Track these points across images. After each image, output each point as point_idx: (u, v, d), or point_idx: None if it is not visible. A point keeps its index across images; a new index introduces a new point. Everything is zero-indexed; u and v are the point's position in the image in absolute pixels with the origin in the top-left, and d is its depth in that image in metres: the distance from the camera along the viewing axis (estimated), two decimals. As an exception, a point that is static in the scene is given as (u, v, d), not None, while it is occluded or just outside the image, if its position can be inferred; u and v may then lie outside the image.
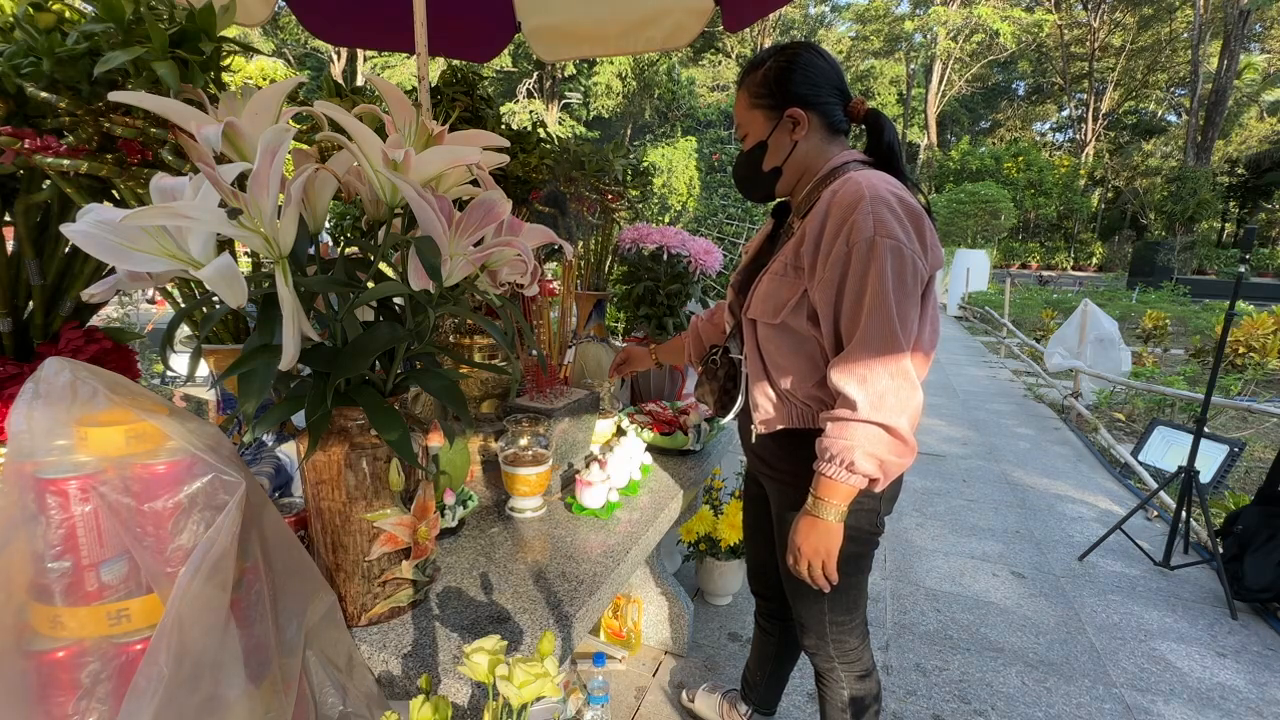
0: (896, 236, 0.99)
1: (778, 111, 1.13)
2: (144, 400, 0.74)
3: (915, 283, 1.01)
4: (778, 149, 1.15)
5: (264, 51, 17.77)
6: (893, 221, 0.99)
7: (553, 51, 2.74)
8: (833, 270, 1.03)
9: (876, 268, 0.98)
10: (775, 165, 1.17)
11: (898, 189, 1.04)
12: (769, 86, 1.13)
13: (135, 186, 0.88)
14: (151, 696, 0.65)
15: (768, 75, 1.13)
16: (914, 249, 1.00)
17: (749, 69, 1.17)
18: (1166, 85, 27.55)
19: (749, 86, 1.16)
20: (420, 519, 0.98)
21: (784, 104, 1.12)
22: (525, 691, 0.65)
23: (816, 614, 1.26)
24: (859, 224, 0.99)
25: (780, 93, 1.12)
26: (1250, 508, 2.67)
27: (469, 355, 1.64)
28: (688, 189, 15.83)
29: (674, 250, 2.18)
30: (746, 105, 1.17)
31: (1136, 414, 5.15)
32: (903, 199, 1.02)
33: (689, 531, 2.23)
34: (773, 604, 1.52)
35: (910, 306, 1.01)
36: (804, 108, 1.12)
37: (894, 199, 1.01)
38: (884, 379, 1.00)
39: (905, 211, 1.01)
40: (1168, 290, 14.01)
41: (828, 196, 1.06)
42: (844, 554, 1.16)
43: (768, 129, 1.15)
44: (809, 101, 1.12)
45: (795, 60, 1.12)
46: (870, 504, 1.16)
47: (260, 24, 2.36)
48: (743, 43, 28.06)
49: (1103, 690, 2.01)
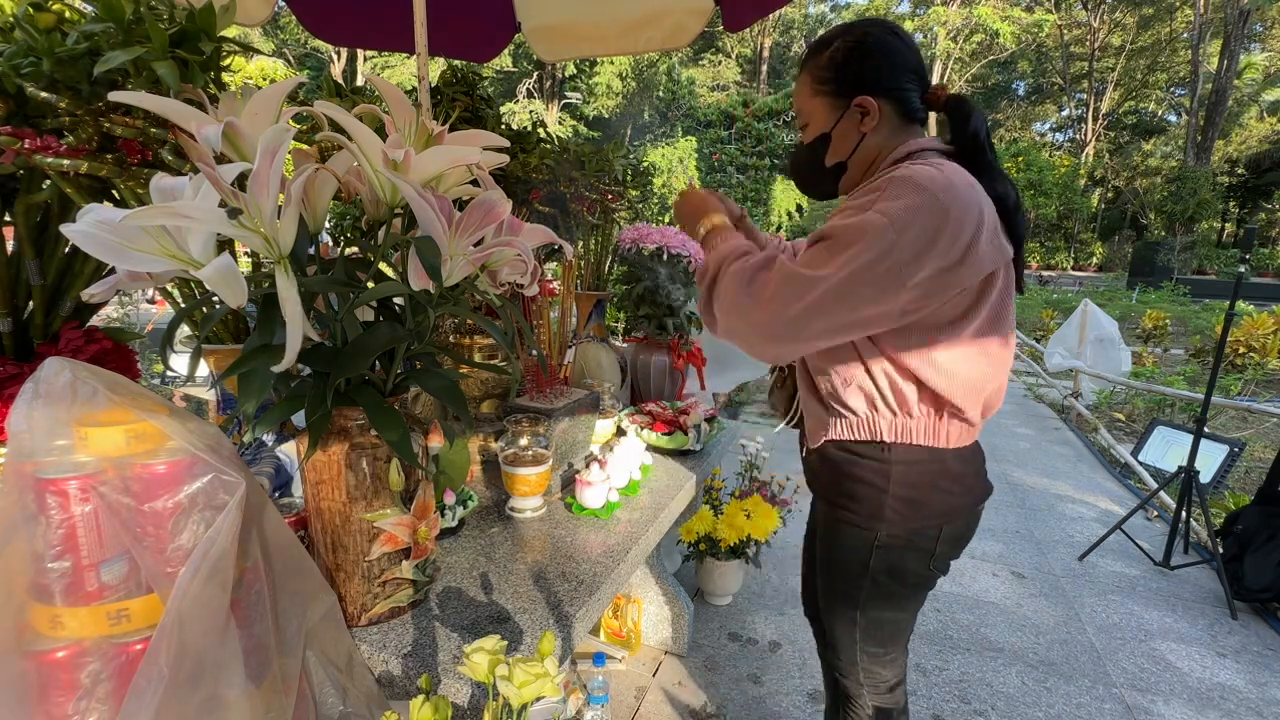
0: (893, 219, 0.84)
1: (845, 99, 1.00)
2: (144, 400, 0.74)
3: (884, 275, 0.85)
4: (843, 142, 1.02)
5: (264, 51, 17.77)
6: (906, 208, 0.84)
7: (553, 51, 2.74)
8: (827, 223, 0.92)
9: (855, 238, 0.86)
10: (840, 160, 1.04)
11: (956, 189, 0.87)
12: (835, 70, 1.00)
13: (135, 186, 0.88)
14: (151, 696, 0.65)
15: (834, 58, 0.99)
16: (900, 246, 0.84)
17: (814, 50, 1.03)
18: (1166, 85, 27.56)
19: (813, 70, 1.02)
20: (420, 519, 0.98)
21: (852, 91, 0.99)
22: (525, 691, 0.65)
23: (848, 639, 1.17)
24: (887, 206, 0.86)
25: (849, 78, 0.99)
26: (1250, 508, 2.67)
27: (469, 355, 1.64)
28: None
29: (674, 250, 2.18)
30: (809, 92, 1.03)
31: (1136, 414, 5.15)
32: (954, 196, 0.85)
33: (689, 531, 2.23)
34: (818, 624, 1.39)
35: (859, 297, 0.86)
36: (875, 95, 0.98)
37: (938, 190, 0.85)
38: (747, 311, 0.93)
39: (938, 209, 0.84)
40: (1168, 290, 14.01)
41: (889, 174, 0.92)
42: (883, 590, 1.09)
43: (832, 119, 1.02)
44: (881, 88, 0.98)
45: (866, 40, 0.98)
46: (922, 544, 1.05)
47: (260, 24, 2.36)
48: (742, 43, 28.08)
49: (1103, 690, 2.01)
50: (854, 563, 1.09)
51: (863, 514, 1.06)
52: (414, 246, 0.83)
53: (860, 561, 1.08)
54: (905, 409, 1.01)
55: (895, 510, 1.03)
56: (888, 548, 1.06)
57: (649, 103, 21.88)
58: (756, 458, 2.52)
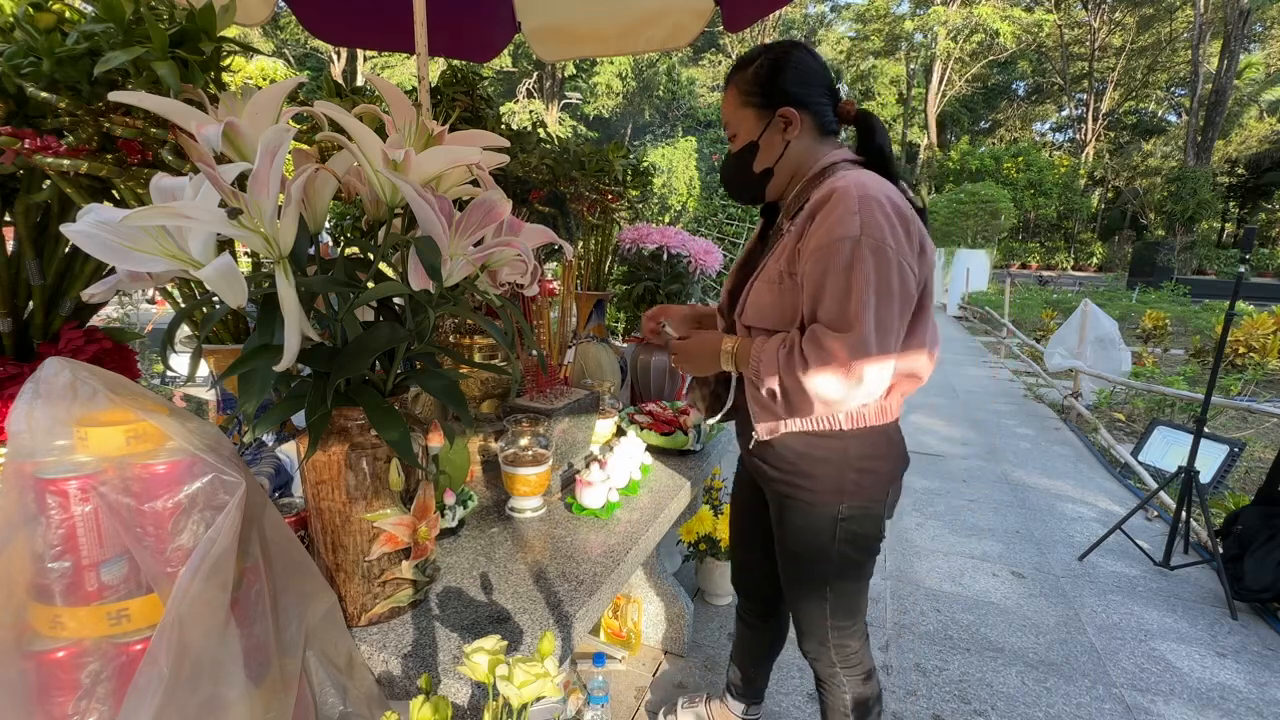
0: (882, 238, 0.96)
1: (770, 110, 1.11)
2: (144, 400, 0.74)
3: (900, 285, 0.98)
4: (770, 149, 1.13)
5: (264, 51, 17.77)
6: (881, 222, 0.97)
7: (553, 51, 2.74)
8: (815, 265, 1.00)
9: (860, 268, 0.96)
10: (767, 166, 1.14)
11: (889, 190, 1.02)
12: (761, 84, 1.10)
13: (135, 186, 0.88)
14: (151, 696, 0.65)
15: (759, 73, 1.10)
16: (900, 251, 0.98)
17: (738, 67, 1.14)
18: (1166, 85, 27.55)
19: (739, 84, 1.13)
20: (420, 519, 0.98)
21: (776, 103, 1.10)
22: (525, 691, 0.65)
23: (819, 619, 1.25)
24: (845, 222, 0.97)
25: (773, 91, 1.10)
26: (1250, 508, 2.67)
27: (469, 355, 1.64)
28: (688, 189, 15.85)
29: (674, 250, 2.18)
30: (736, 104, 1.14)
31: (1136, 414, 5.15)
32: (893, 200, 1.00)
33: (689, 531, 2.23)
34: (760, 603, 1.53)
35: (890, 310, 0.98)
36: (797, 107, 1.09)
37: (885, 199, 0.99)
38: (836, 383, 0.99)
39: (895, 213, 0.99)
40: (1168, 290, 14.01)
41: (817, 195, 1.04)
42: (848, 560, 1.18)
43: (759, 128, 1.12)
44: (802, 101, 1.10)
45: (788, 58, 1.10)
46: (875, 509, 1.17)
47: (260, 24, 2.36)
48: (742, 43, 28.05)
49: (1103, 690, 2.01)
50: (819, 541, 1.18)
51: (824, 491, 1.15)
52: (414, 246, 0.83)
53: (826, 538, 1.17)
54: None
55: (854, 482, 1.14)
56: (849, 519, 1.16)
57: (649, 103, 21.89)
58: (756, 458, 2.52)
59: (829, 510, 1.15)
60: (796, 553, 1.22)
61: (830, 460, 1.13)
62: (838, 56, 28.52)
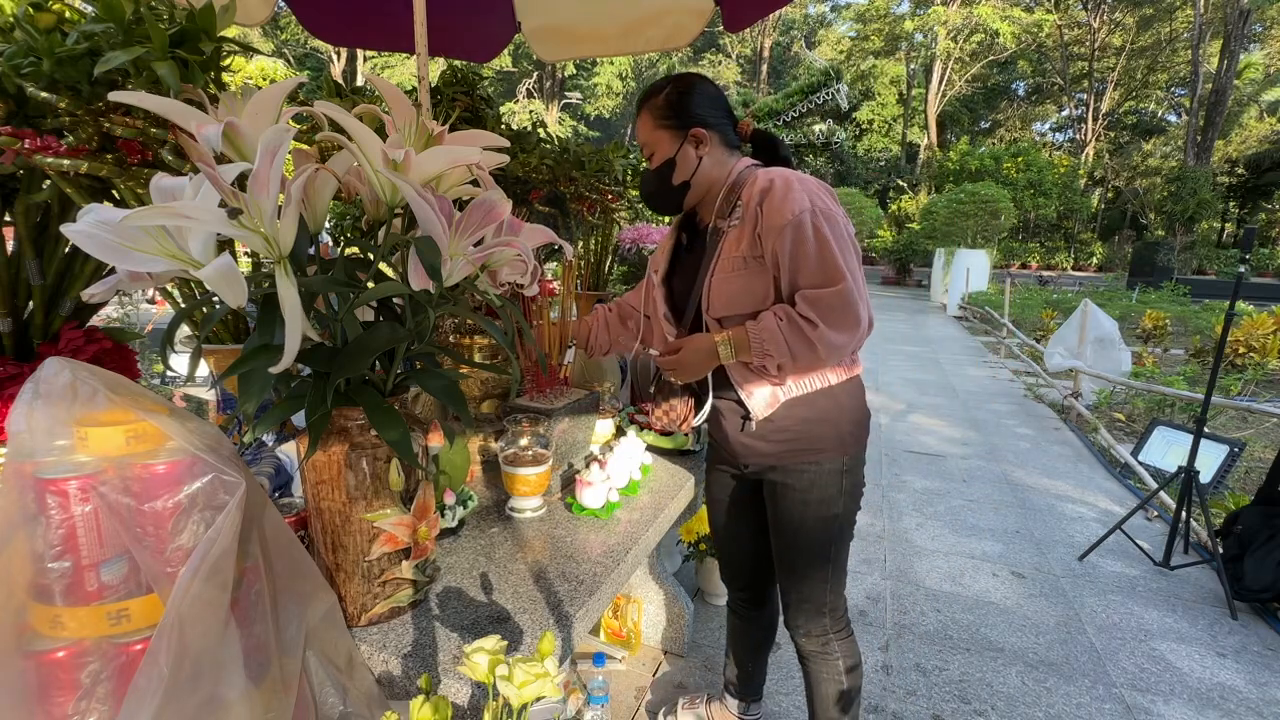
0: (827, 206, 1.14)
1: (682, 131, 1.24)
2: (144, 400, 0.74)
3: (851, 240, 1.15)
4: (685, 164, 1.26)
5: (264, 51, 17.77)
6: (821, 194, 1.15)
7: (553, 51, 2.74)
8: (783, 241, 1.13)
9: (823, 231, 1.11)
10: (684, 179, 1.27)
11: (807, 175, 1.20)
12: (673, 109, 1.24)
13: (135, 186, 0.87)
14: (151, 696, 0.65)
15: (670, 99, 1.24)
16: (842, 215, 1.16)
17: (649, 95, 1.28)
18: (1166, 85, 27.53)
19: (651, 110, 1.26)
20: (420, 519, 0.98)
21: (688, 124, 1.24)
22: (525, 691, 0.65)
23: (819, 585, 1.33)
24: (796, 199, 1.12)
25: (684, 114, 1.24)
26: (1250, 508, 2.67)
27: (469, 355, 1.64)
28: (688, 189, 15.79)
29: (674, 250, 2.17)
30: (652, 126, 1.26)
31: (1136, 414, 5.15)
32: (816, 179, 1.18)
33: (689, 531, 2.23)
34: (753, 592, 1.58)
35: (854, 260, 1.14)
36: (705, 127, 1.24)
37: (810, 179, 1.17)
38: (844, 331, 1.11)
39: (822, 188, 1.17)
40: (1168, 290, 13.99)
41: (754, 188, 1.18)
42: (850, 513, 1.31)
43: (674, 146, 1.25)
44: (708, 122, 1.24)
45: (693, 86, 1.26)
46: (862, 457, 1.32)
47: (260, 24, 2.36)
48: (743, 42, 28.09)
49: (1103, 690, 2.01)
50: (827, 498, 1.28)
51: (830, 449, 1.26)
52: (414, 246, 0.83)
53: (834, 493, 1.28)
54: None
55: (851, 434, 1.28)
56: (851, 469, 1.29)
57: (649, 103, 21.83)
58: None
59: (835, 465, 1.27)
60: (804, 518, 1.29)
61: (828, 418, 1.26)
62: (838, 56, 28.51)
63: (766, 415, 1.25)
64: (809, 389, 1.24)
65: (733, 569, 1.59)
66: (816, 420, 1.25)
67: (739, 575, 1.58)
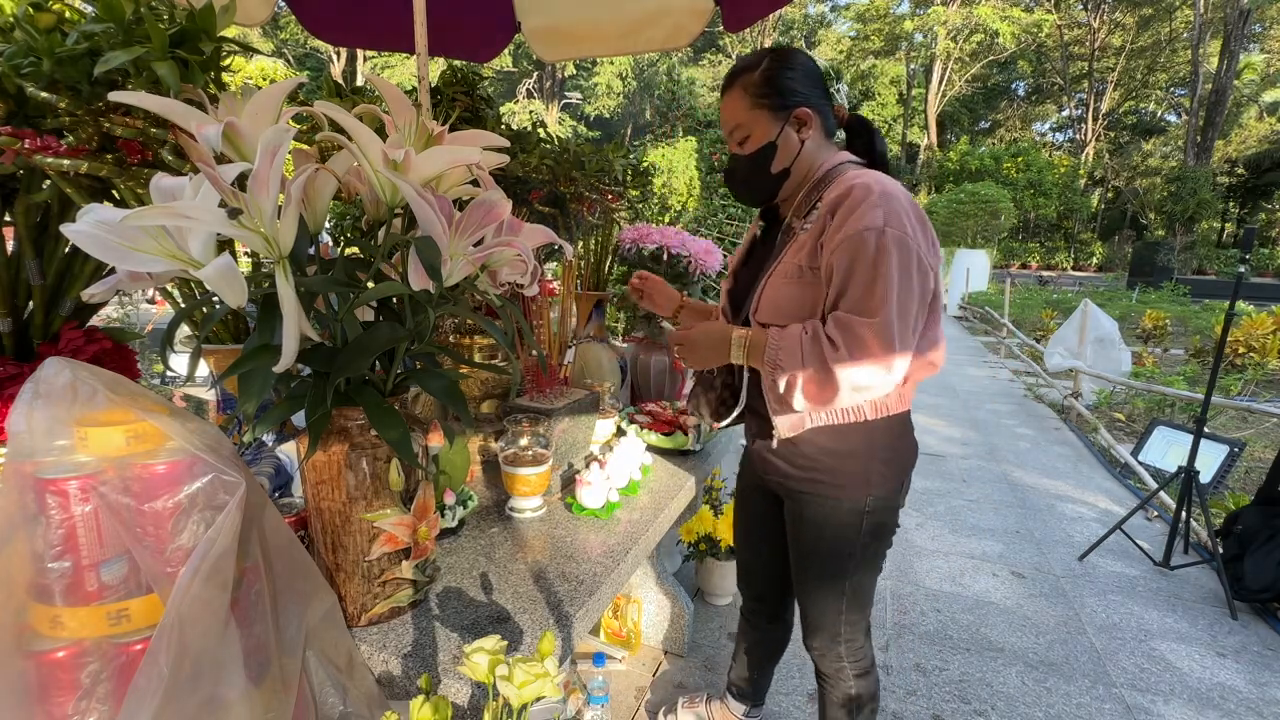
0: (904, 230, 1.00)
1: (784, 111, 1.12)
2: (144, 400, 0.74)
3: (919, 276, 1.03)
4: (787, 149, 1.14)
5: (264, 51, 17.77)
6: (903, 217, 1.01)
7: (553, 51, 2.74)
8: (841, 256, 1.02)
9: (885, 258, 0.99)
10: (784, 166, 1.15)
11: (903, 189, 1.06)
12: (773, 85, 1.11)
13: (135, 186, 0.87)
14: (151, 696, 0.65)
15: (769, 75, 1.11)
16: (919, 244, 1.02)
17: (742, 70, 1.14)
18: (1166, 85, 27.54)
19: (746, 86, 1.13)
20: (420, 519, 0.98)
21: (790, 103, 1.11)
22: (525, 691, 0.65)
23: (833, 615, 1.26)
24: (870, 214, 1.00)
25: (786, 91, 1.11)
26: (1250, 508, 2.67)
27: (469, 355, 1.64)
28: (688, 189, 15.84)
29: (674, 250, 2.18)
30: (747, 105, 1.13)
31: (1136, 414, 5.15)
32: (909, 198, 1.05)
33: (689, 531, 2.23)
34: (768, 606, 1.52)
35: (912, 300, 1.02)
36: (809, 108, 1.12)
37: (903, 196, 1.04)
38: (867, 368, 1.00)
39: (913, 209, 1.04)
40: (1168, 290, 14.00)
41: (834, 193, 1.06)
42: (870, 553, 1.22)
43: (775, 129, 1.12)
44: (811, 102, 1.12)
45: (795, 60, 1.12)
46: (895, 500, 1.20)
47: (260, 24, 2.36)
48: (743, 43, 28.04)
49: (1103, 690, 2.01)
50: (844, 535, 1.19)
51: (851, 485, 1.16)
52: (414, 246, 0.83)
53: (852, 532, 1.18)
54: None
55: (880, 474, 1.16)
56: (875, 510, 1.18)
57: (649, 103, 21.89)
58: (756, 458, 2.52)
59: (856, 504, 1.16)
60: (817, 549, 1.22)
61: (856, 453, 1.15)
62: (838, 56, 28.50)
63: (790, 436, 1.16)
64: (841, 419, 1.14)
65: (746, 576, 1.54)
66: (843, 454, 1.15)
67: (751, 584, 1.53)
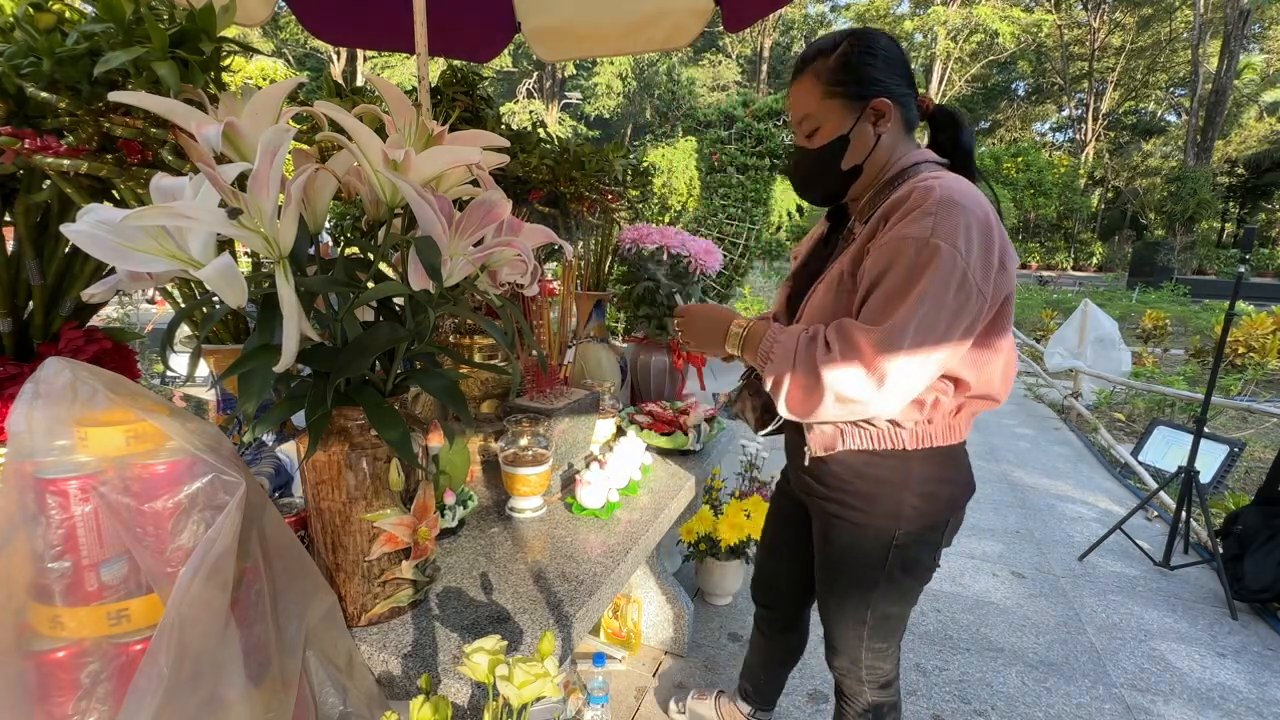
0: (954, 245, 0.88)
1: (860, 102, 1.00)
2: (144, 400, 0.74)
3: (956, 298, 0.90)
4: (861, 144, 1.02)
5: (264, 51, 17.77)
6: (958, 231, 0.88)
7: (553, 51, 2.74)
8: (876, 263, 0.93)
9: (920, 272, 0.89)
10: (856, 163, 1.03)
11: (981, 199, 0.93)
12: (850, 72, 0.99)
13: (135, 186, 0.87)
14: (151, 696, 0.65)
15: (846, 60, 0.99)
16: (971, 265, 0.89)
17: (815, 54, 1.02)
18: (1166, 85, 27.54)
19: (821, 73, 1.00)
20: (420, 519, 0.98)
21: (868, 93, 0.99)
22: (525, 691, 0.65)
23: (854, 639, 1.19)
24: (918, 222, 0.90)
25: (864, 79, 0.99)
26: (1250, 508, 2.67)
27: (469, 355, 1.64)
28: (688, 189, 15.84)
29: (674, 250, 2.18)
30: (819, 94, 1.01)
31: (1136, 414, 5.15)
32: (983, 211, 0.92)
33: (689, 531, 2.23)
34: (778, 614, 1.48)
35: (940, 320, 0.90)
36: (889, 98, 0.99)
37: (974, 208, 0.91)
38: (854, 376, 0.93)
39: (979, 225, 0.90)
40: (1168, 290, 14.00)
41: (895, 196, 0.96)
42: (897, 586, 1.13)
43: (848, 121, 1.00)
44: (892, 92, 1.00)
45: (876, 45, 1.00)
46: (933, 537, 1.11)
47: (260, 24, 2.36)
48: (743, 42, 28.07)
49: (1103, 690, 2.01)
50: (868, 564, 1.11)
51: (880, 514, 1.07)
52: (414, 246, 0.83)
53: (876, 561, 1.10)
54: (932, 412, 1.03)
55: (914, 508, 1.06)
56: (905, 545, 1.08)
57: (649, 103, 21.89)
58: (756, 458, 2.52)
59: (883, 535, 1.08)
60: (840, 573, 1.16)
61: (889, 481, 1.06)
62: (838, 56, 28.43)
63: (821, 455, 1.09)
64: (878, 444, 1.05)
65: (764, 585, 1.49)
66: (873, 480, 1.06)
67: (768, 593, 1.48)
